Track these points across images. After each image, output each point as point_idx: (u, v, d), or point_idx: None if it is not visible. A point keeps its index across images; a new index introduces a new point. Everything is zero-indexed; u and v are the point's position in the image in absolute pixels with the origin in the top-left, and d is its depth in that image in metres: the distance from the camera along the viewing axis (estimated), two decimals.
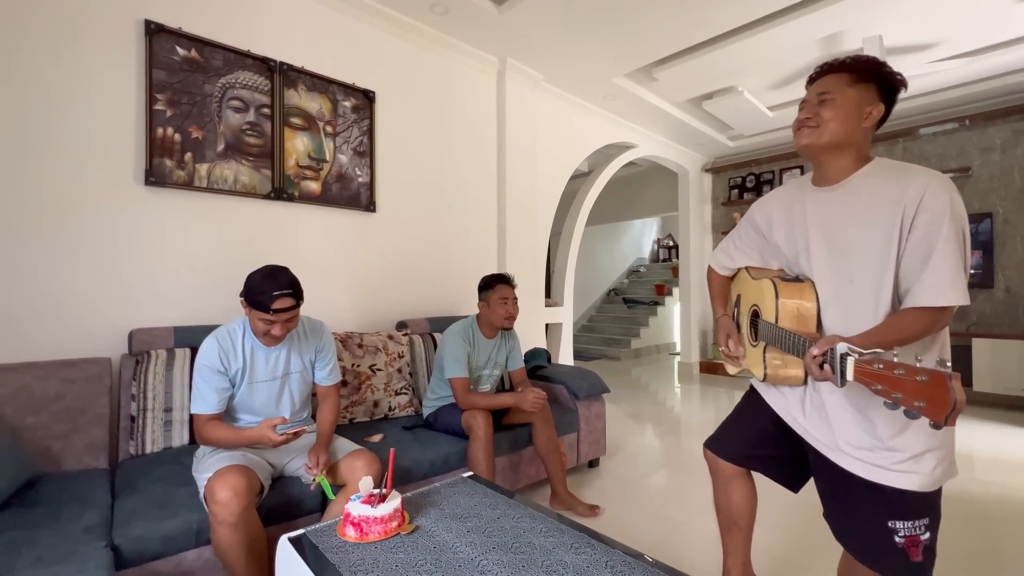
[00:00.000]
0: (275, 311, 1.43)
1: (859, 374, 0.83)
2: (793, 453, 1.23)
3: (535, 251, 3.71)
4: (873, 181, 1.05)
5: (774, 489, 1.33)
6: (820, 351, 0.91)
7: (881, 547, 1.03)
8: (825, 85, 1.09)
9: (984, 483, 2.50)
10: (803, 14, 2.86)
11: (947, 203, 0.96)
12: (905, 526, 1.01)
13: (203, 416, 1.46)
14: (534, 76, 3.56)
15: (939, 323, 0.98)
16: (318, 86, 2.49)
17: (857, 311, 1.05)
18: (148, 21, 1.97)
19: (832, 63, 1.11)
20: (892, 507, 1.02)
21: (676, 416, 4.02)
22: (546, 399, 2.10)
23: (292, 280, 1.49)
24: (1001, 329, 4.09)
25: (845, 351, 0.87)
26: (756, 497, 1.38)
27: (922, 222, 0.96)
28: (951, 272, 0.94)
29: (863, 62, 1.07)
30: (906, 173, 1.02)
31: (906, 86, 1.09)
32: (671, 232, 9.57)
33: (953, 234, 0.95)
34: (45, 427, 1.58)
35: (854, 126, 1.06)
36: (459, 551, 1.03)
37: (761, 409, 1.28)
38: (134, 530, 1.26)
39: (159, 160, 1.99)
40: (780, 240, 1.24)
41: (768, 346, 1.18)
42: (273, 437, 1.38)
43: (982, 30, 3.10)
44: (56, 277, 1.80)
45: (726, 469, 1.35)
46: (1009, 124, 4.09)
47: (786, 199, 1.24)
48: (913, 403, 0.74)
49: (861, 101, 1.06)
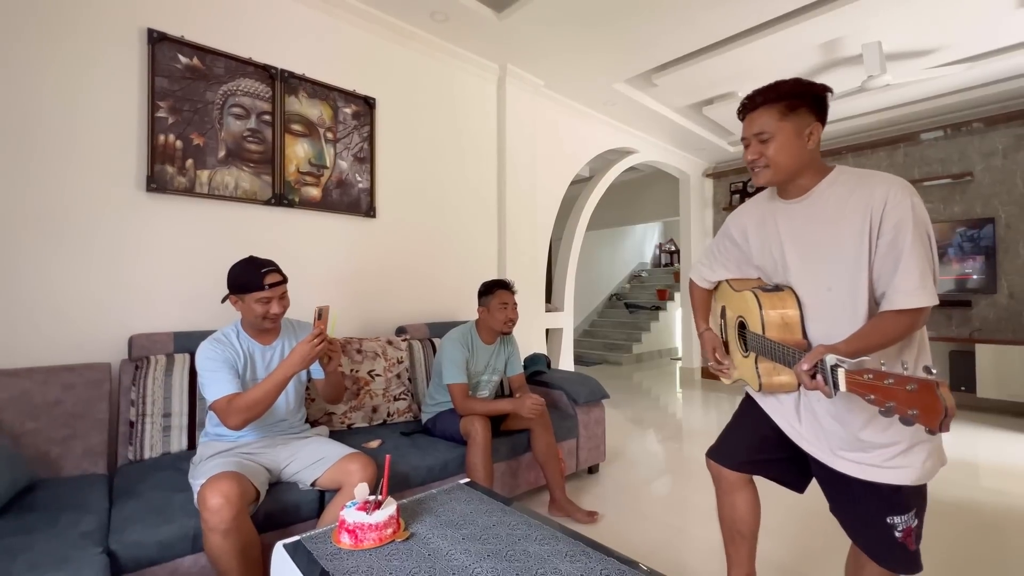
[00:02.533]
0: (269, 286, 1.51)
1: (851, 385, 0.86)
2: (794, 455, 1.23)
3: (535, 256, 3.71)
4: (838, 189, 1.09)
5: (773, 496, 1.33)
6: (810, 364, 0.94)
7: (886, 544, 1.07)
8: (759, 125, 1.09)
9: (989, 491, 2.48)
10: (802, 20, 2.86)
11: (909, 207, 0.99)
12: (902, 520, 1.05)
13: (226, 397, 1.43)
14: (534, 82, 3.58)
15: (916, 323, 1.01)
16: (319, 93, 2.51)
17: (837, 317, 1.08)
18: (151, 30, 1.99)
19: (755, 98, 1.10)
20: (889, 503, 1.05)
21: (677, 422, 4.00)
22: (544, 405, 2.09)
23: (271, 260, 1.58)
24: (1005, 335, 4.06)
25: (834, 363, 0.89)
26: (759, 506, 1.37)
27: (888, 227, 1.00)
28: (920, 275, 0.97)
29: (787, 90, 1.08)
30: (867, 180, 1.05)
31: (831, 91, 1.11)
32: (672, 237, 9.56)
33: (918, 237, 0.98)
34: (44, 432, 1.59)
35: (800, 152, 1.09)
36: (454, 559, 1.03)
37: (759, 415, 1.29)
38: (131, 536, 1.26)
39: (160, 167, 2.01)
40: (756, 253, 1.27)
41: (759, 357, 1.20)
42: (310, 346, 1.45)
43: (982, 35, 3.10)
44: (57, 282, 1.81)
45: (729, 478, 1.35)
46: (1011, 129, 4.08)
47: (758, 212, 1.27)
48: (907, 411, 0.76)
49: (798, 129, 1.08)
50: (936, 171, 4.43)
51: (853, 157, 4.87)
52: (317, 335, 1.46)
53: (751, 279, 1.32)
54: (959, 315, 4.33)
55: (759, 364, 1.20)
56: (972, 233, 4.20)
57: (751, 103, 1.11)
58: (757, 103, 1.10)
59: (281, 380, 1.45)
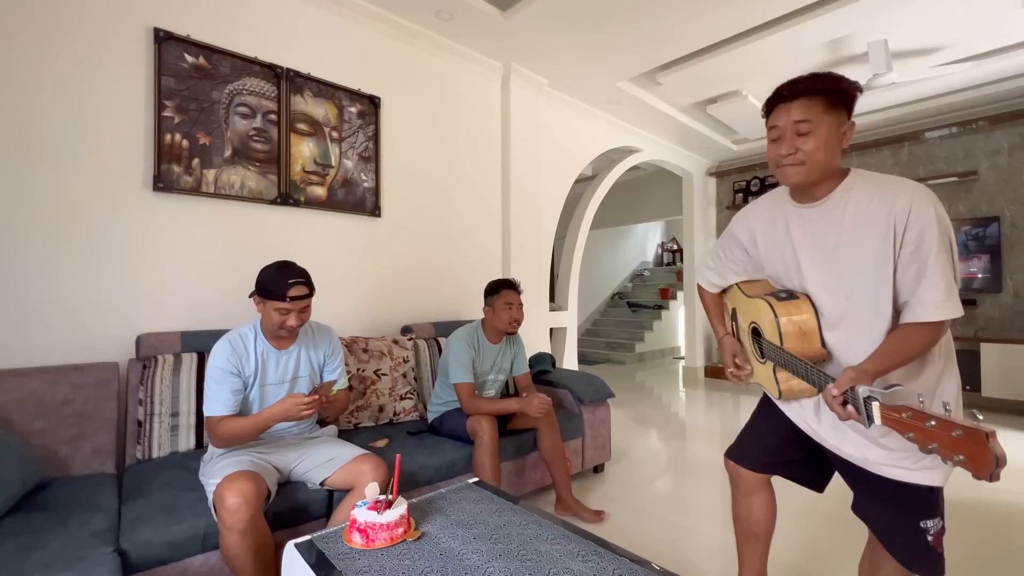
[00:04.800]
0: (291, 299, 1.48)
1: (887, 421, 0.82)
2: (814, 455, 1.22)
3: (539, 255, 3.71)
4: (857, 195, 1.04)
5: (784, 497, 1.32)
6: (839, 392, 0.91)
7: (920, 549, 1.04)
8: (802, 112, 1.02)
9: (995, 490, 2.47)
10: (808, 18, 2.85)
11: (933, 216, 0.96)
12: (934, 524, 1.03)
13: (216, 417, 1.45)
14: (538, 81, 3.58)
15: (940, 335, 0.99)
16: (324, 92, 2.51)
17: (857, 327, 1.05)
18: (157, 29, 1.99)
19: (796, 85, 1.04)
20: (921, 506, 1.03)
21: (681, 421, 4.00)
22: (551, 404, 2.09)
23: (304, 271, 1.56)
24: (1009, 334, 4.05)
25: (867, 394, 0.85)
26: (776, 509, 1.36)
27: (912, 237, 0.96)
28: (946, 287, 0.95)
29: (831, 84, 1.02)
30: (888, 187, 1.01)
31: (861, 90, 1.06)
32: (675, 236, 9.55)
33: (943, 248, 0.96)
34: (53, 432, 1.59)
35: (836, 151, 1.04)
36: (465, 558, 1.03)
37: (777, 416, 1.28)
38: (141, 535, 1.27)
39: (167, 166, 2.01)
40: (765, 258, 1.23)
41: (777, 366, 1.17)
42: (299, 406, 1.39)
43: (988, 34, 3.09)
44: (65, 282, 1.82)
45: (748, 479, 1.33)
46: (1016, 128, 4.07)
47: (767, 215, 1.22)
48: (953, 456, 0.73)
49: (838, 125, 1.03)
50: (941, 169, 4.42)
51: (858, 155, 4.85)
52: (310, 402, 1.41)
53: (760, 281, 1.30)
54: (964, 314, 4.30)
55: (778, 374, 1.17)
56: (977, 232, 4.19)
57: (791, 91, 1.04)
58: (799, 91, 1.02)
59: (263, 423, 1.44)
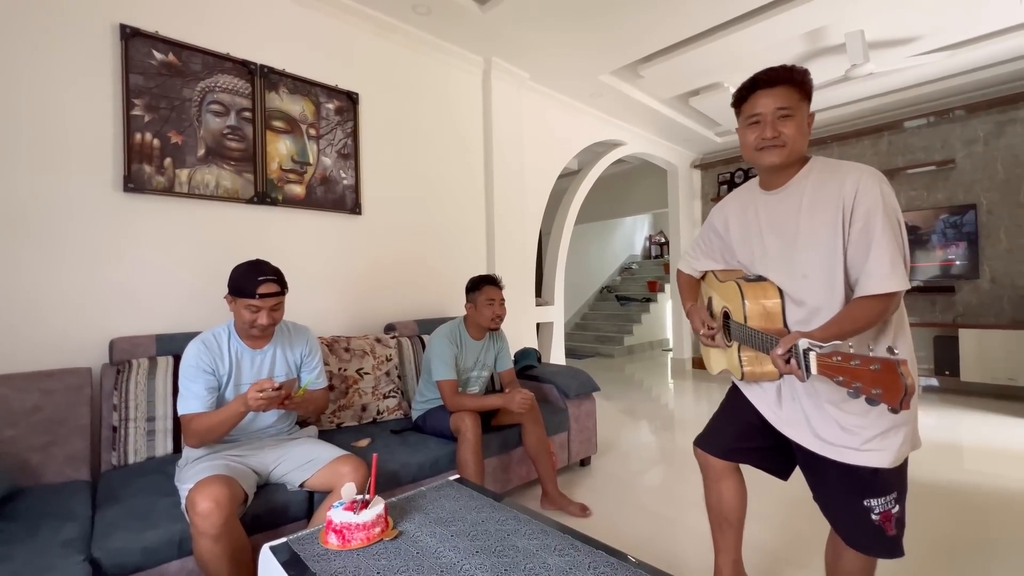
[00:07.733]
0: (261, 296, 1.47)
1: (821, 367, 0.88)
2: (778, 443, 1.25)
3: (524, 251, 3.70)
4: (812, 179, 1.12)
5: (762, 484, 1.35)
6: (784, 349, 0.96)
7: (861, 527, 1.09)
8: (785, 99, 1.09)
9: (972, 472, 2.52)
10: (785, 10, 2.86)
11: (878, 195, 1.02)
12: (879, 503, 1.07)
13: (190, 415, 1.43)
14: (520, 75, 3.55)
15: (889, 308, 1.03)
16: (300, 88, 2.47)
17: (815, 304, 1.11)
18: (123, 25, 1.94)
19: (778, 74, 1.10)
20: (865, 486, 1.07)
21: (669, 412, 4.03)
22: (534, 399, 2.09)
23: (275, 269, 1.55)
24: (987, 319, 4.13)
25: (807, 347, 0.91)
26: (746, 494, 1.41)
27: (859, 215, 1.03)
28: (891, 261, 1.00)
29: (802, 76, 1.11)
30: (839, 170, 1.09)
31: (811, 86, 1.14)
32: (663, 229, 9.59)
33: (888, 224, 1.01)
34: (24, 439, 1.55)
35: (807, 136, 1.13)
36: (442, 556, 1.02)
37: (743, 404, 1.32)
38: (114, 542, 1.24)
39: (138, 166, 1.97)
40: (737, 243, 1.30)
41: (741, 346, 1.22)
42: (253, 398, 1.34)
43: (963, 23, 3.12)
44: (34, 286, 1.77)
45: (716, 465, 1.38)
46: (992, 116, 4.13)
47: (741, 203, 1.30)
48: (871, 391, 0.78)
49: (806, 114, 1.12)
50: (920, 158, 4.48)
51: (838, 146, 4.90)
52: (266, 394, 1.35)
53: (736, 270, 1.34)
54: (943, 301, 4.39)
55: (742, 353, 1.22)
56: (955, 219, 4.25)
57: (773, 78, 1.10)
58: (780, 79, 1.09)
59: (234, 415, 1.41)
